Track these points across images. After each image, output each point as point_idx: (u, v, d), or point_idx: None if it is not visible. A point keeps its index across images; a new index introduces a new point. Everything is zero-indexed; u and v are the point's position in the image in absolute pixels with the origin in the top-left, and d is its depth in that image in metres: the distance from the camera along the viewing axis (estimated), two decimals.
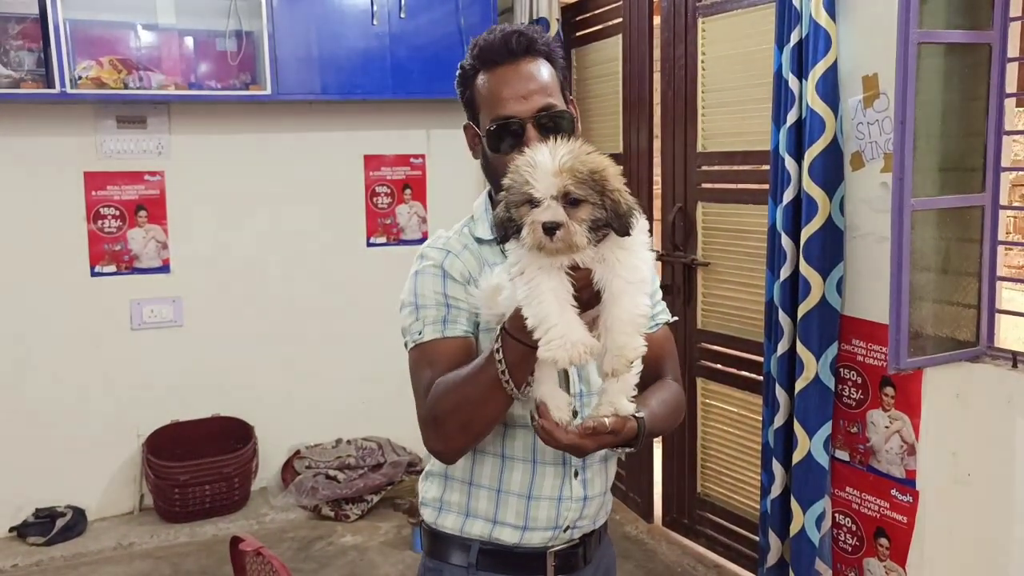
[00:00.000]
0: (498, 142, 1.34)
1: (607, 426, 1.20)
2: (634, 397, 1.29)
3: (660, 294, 1.53)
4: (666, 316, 1.54)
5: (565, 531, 1.39)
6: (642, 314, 1.14)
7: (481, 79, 1.37)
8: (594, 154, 1.15)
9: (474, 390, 1.23)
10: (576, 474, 1.39)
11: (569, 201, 1.11)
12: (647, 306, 1.15)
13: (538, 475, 1.37)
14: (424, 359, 1.33)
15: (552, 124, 1.33)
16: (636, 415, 1.25)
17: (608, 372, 1.15)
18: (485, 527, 1.38)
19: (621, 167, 1.21)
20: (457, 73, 1.42)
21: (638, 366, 1.25)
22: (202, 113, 3.77)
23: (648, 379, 1.43)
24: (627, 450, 1.30)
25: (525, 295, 1.13)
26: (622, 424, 1.23)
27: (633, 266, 1.15)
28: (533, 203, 1.12)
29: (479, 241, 1.40)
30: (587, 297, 1.15)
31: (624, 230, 1.14)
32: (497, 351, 1.19)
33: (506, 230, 1.17)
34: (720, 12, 2.99)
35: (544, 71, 1.36)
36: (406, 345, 1.37)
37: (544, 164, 1.12)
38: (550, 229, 1.09)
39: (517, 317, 1.17)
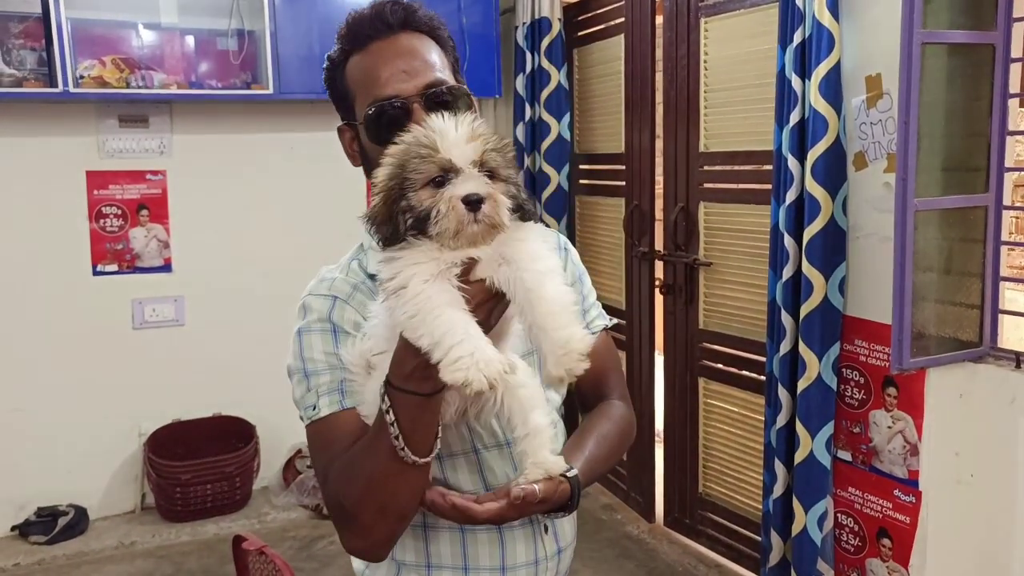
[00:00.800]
0: (378, 130, 1.10)
1: (537, 494, 1.01)
2: (570, 438, 1.17)
3: (593, 295, 1.34)
4: (603, 321, 1.33)
5: None
6: (572, 300, 0.94)
7: (353, 62, 1.16)
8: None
9: (376, 466, 1.00)
10: (546, 529, 1.22)
11: (487, 173, 0.92)
12: (571, 292, 0.95)
13: (508, 543, 1.17)
14: (322, 439, 1.09)
15: (445, 102, 1.11)
16: (567, 475, 1.06)
17: (561, 376, 0.93)
18: None
19: (624, 166, 1.15)
20: (324, 67, 1.20)
21: (549, 417, 1.07)
22: (204, 112, 3.77)
23: (589, 400, 1.29)
24: (558, 515, 1.11)
25: (411, 315, 0.90)
26: (553, 488, 1.04)
27: (539, 254, 0.95)
28: (440, 180, 0.91)
29: (372, 277, 1.13)
30: (487, 313, 0.95)
31: (528, 214, 0.96)
32: (386, 411, 0.97)
33: (394, 228, 0.93)
34: (723, 12, 2.99)
35: (426, 45, 1.15)
36: (301, 419, 1.13)
37: (450, 131, 0.92)
38: (475, 202, 0.89)
39: (401, 359, 0.94)
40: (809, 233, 2.44)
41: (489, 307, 0.94)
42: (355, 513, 1.03)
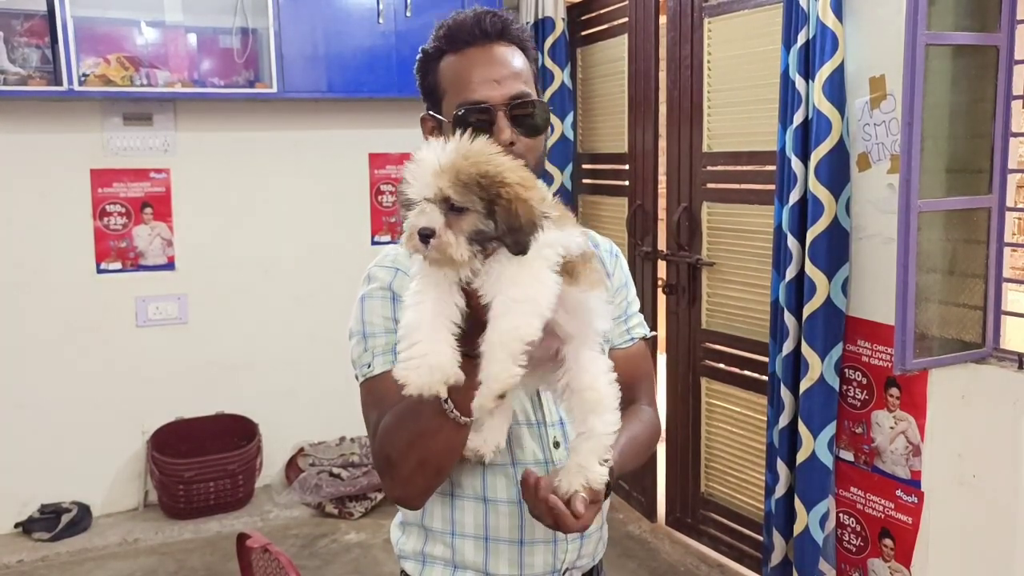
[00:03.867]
0: (463, 130, 1.12)
1: (580, 510, 1.06)
2: None
3: (636, 304, 1.41)
4: (643, 330, 1.40)
5: (564, 573, 1.29)
6: (523, 337, 0.94)
7: (447, 62, 1.24)
8: (498, 155, 0.99)
9: (421, 423, 1.08)
10: None
11: (451, 207, 0.95)
12: (536, 329, 0.95)
13: (527, 517, 1.20)
14: (374, 395, 1.19)
15: (526, 115, 1.21)
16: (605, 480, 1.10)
17: (475, 406, 0.98)
18: None
19: (627, 166, 1.18)
20: (418, 57, 1.28)
21: (613, 427, 1.08)
22: (208, 111, 3.77)
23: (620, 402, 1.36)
24: None
25: (408, 304, 0.99)
26: (593, 500, 1.09)
27: (523, 282, 0.96)
28: (409, 207, 0.97)
29: None
30: (477, 321, 0.98)
31: (519, 247, 0.96)
32: None
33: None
34: (727, 12, 2.99)
35: (518, 59, 1.23)
36: (356, 378, 1.23)
37: (427, 162, 0.96)
38: (424, 237, 0.95)
39: None
40: (812, 234, 2.44)
41: (482, 314, 0.98)
42: (397, 464, 1.12)
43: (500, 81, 1.20)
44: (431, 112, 1.28)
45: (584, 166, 3.98)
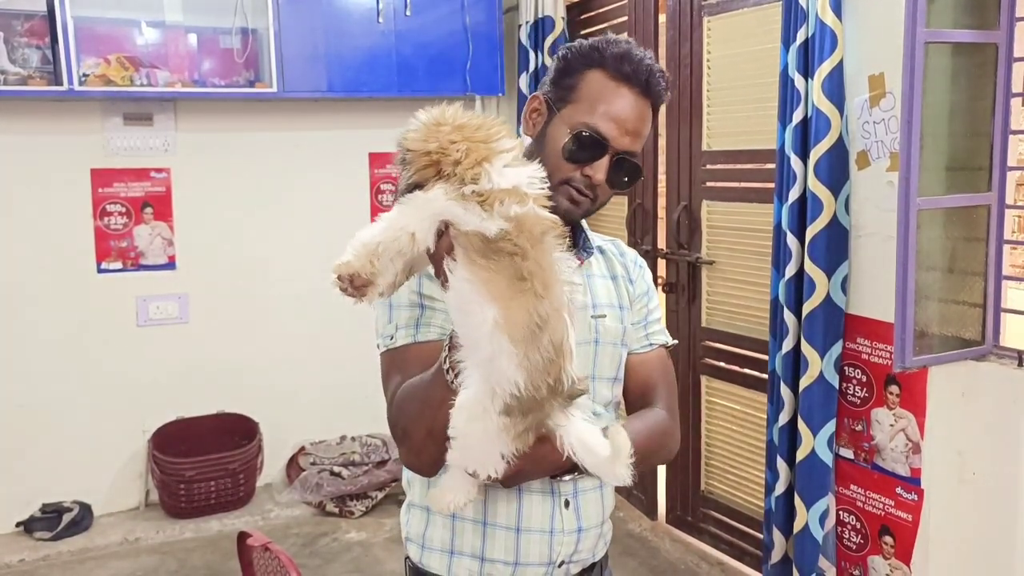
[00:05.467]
0: (573, 148, 1.24)
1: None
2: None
3: (658, 313, 1.43)
4: (663, 338, 1.42)
5: (560, 566, 1.29)
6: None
7: (600, 78, 1.25)
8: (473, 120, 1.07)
9: (428, 393, 1.12)
10: (567, 503, 1.28)
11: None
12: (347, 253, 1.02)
13: (524, 504, 1.26)
14: (394, 366, 1.24)
15: (623, 170, 1.27)
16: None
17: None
18: (473, 565, 1.28)
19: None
20: (575, 46, 1.30)
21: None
22: (208, 110, 3.78)
23: (636, 409, 1.36)
24: (565, 477, 1.24)
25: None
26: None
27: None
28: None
29: None
30: (440, 258, 1.07)
31: (399, 192, 1.10)
32: (445, 346, 1.09)
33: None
34: (726, 11, 2.99)
35: (648, 125, 1.30)
36: (378, 347, 1.28)
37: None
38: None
39: None
40: (812, 232, 2.44)
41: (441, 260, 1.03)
42: (411, 433, 1.17)
43: (628, 133, 1.25)
44: (549, 100, 1.29)
45: None
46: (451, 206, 1.00)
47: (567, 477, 1.23)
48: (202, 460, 3.63)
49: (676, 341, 1.48)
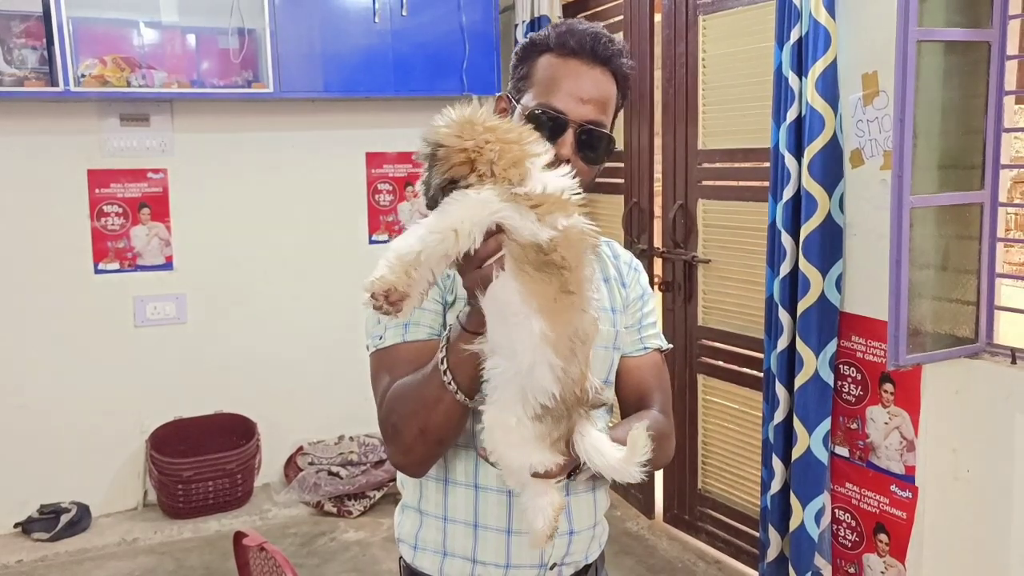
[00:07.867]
0: (533, 127, 1.17)
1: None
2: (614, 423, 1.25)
3: (653, 317, 1.41)
4: (658, 342, 1.40)
5: (552, 568, 1.29)
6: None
7: (548, 60, 1.25)
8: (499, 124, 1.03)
9: (423, 392, 1.12)
10: None
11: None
12: (384, 265, 0.98)
13: (515, 507, 1.23)
14: (383, 366, 1.23)
15: (592, 143, 1.23)
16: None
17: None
18: (464, 567, 1.27)
19: (622, 164, 1.19)
20: (523, 42, 1.31)
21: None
22: (205, 111, 3.78)
23: (630, 413, 1.35)
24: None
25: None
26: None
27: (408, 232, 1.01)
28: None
29: None
30: (481, 261, 1.03)
31: (430, 201, 1.03)
32: (442, 347, 1.10)
33: None
34: (721, 10, 3.00)
35: (610, 90, 1.26)
36: (367, 348, 1.27)
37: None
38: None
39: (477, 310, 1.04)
40: (806, 230, 2.45)
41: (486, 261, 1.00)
42: (401, 431, 1.16)
43: (585, 102, 1.22)
44: (511, 95, 1.30)
45: None
46: (507, 209, 0.97)
47: (580, 477, 1.21)
48: (200, 460, 3.64)
49: (671, 345, 1.47)
